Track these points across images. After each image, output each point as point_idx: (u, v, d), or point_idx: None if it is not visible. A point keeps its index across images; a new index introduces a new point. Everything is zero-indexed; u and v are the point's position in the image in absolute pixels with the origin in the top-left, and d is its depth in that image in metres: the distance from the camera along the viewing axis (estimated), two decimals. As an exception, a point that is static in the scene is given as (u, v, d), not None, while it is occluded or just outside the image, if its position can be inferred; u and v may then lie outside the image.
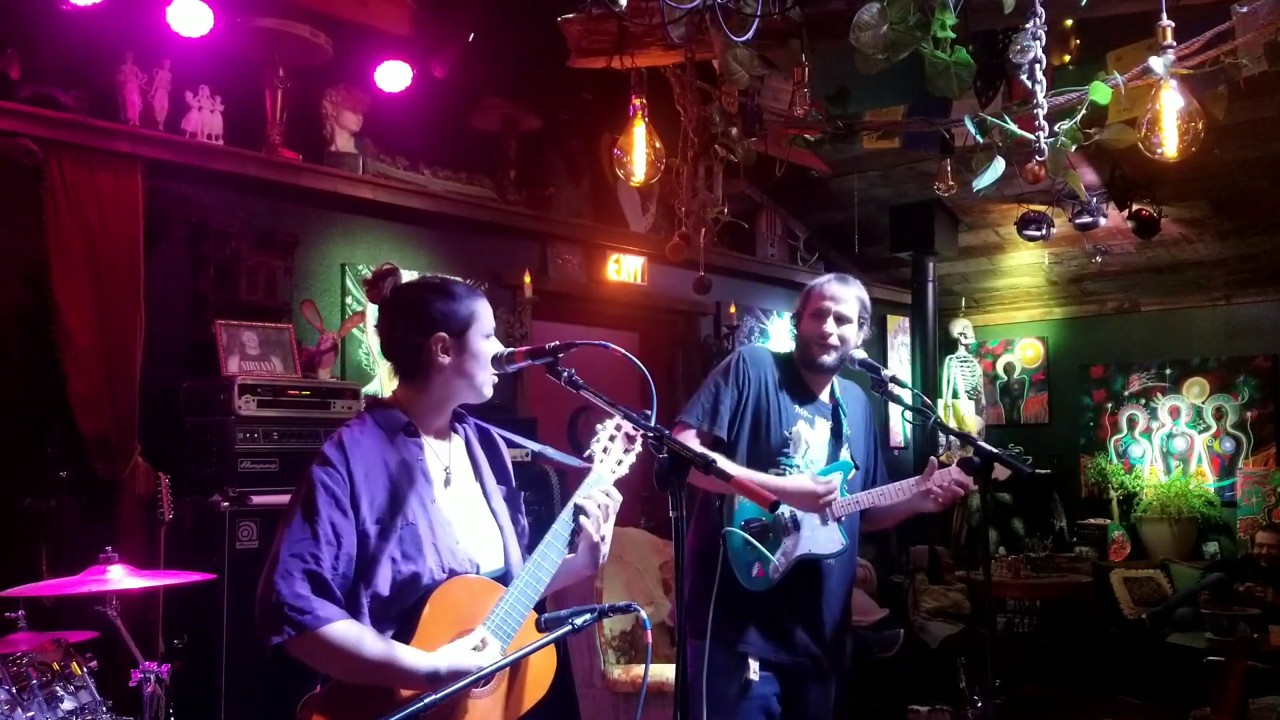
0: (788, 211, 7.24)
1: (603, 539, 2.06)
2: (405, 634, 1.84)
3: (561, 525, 2.00)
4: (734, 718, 2.72)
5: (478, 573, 1.95)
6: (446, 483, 2.00)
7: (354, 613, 1.81)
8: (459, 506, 2.00)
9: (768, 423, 2.84)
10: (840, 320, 2.84)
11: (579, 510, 2.02)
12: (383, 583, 1.84)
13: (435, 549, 1.89)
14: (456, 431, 2.10)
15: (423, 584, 1.87)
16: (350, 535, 1.82)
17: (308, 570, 1.76)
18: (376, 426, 1.95)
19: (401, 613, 1.86)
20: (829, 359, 2.85)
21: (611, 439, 2.13)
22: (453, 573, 1.90)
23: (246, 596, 1.81)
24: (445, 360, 1.96)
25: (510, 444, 2.21)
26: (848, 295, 2.87)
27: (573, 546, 2.04)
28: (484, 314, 2.02)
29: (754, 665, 2.74)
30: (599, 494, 2.05)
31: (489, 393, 2.03)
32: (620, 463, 2.12)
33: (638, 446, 2.14)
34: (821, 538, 2.79)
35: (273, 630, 1.74)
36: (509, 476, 2.17)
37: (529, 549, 2.08)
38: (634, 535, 5.09)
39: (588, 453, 2.12)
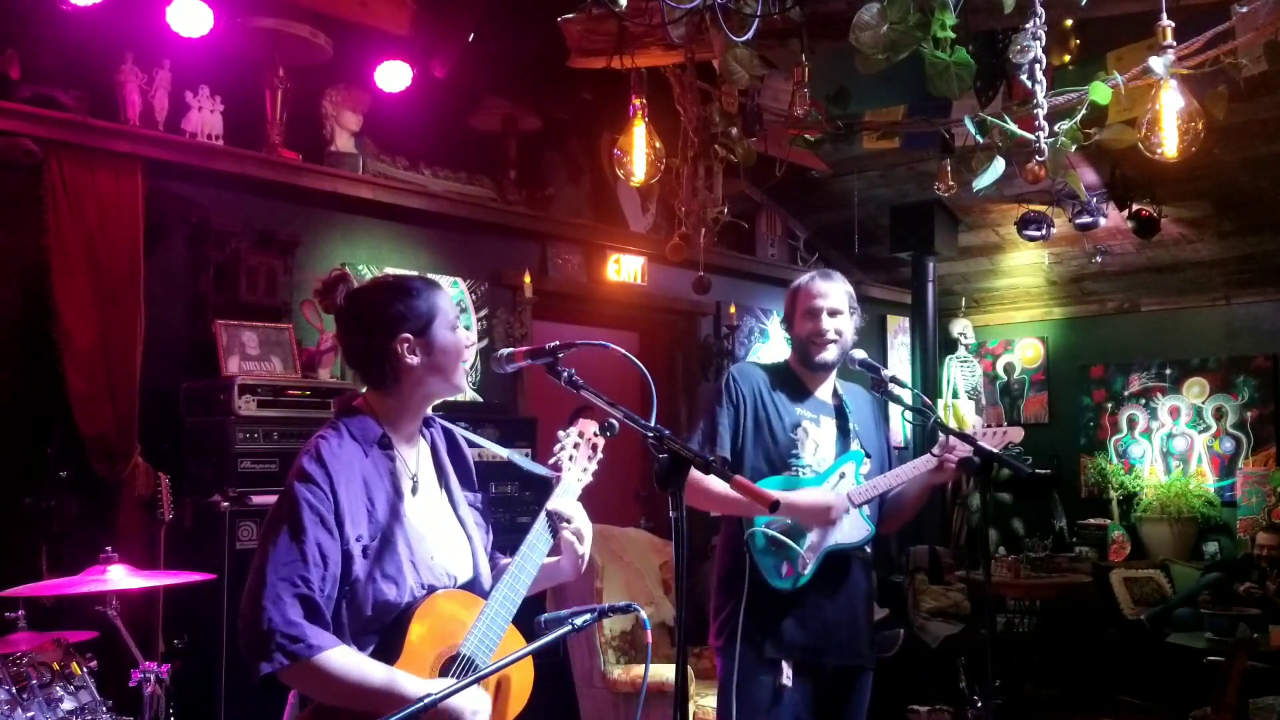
0: (788, 211, 7.24)
1: (583, 557, 2.05)
2: (389, 653, 1.79)
3: (536, 536, 1.98)
4: None
5: (454, 585, 1.93)
6: (414, 491, 1.95)
7: (337, 632, 1.76)
8: (428, 516, 1.95)
9: (771, 428, 2.84)
10: (833, 314, 2.87)
11: (556, 517, 2.01)
12: (365, 602, 1.80)
13: (414, 565, 1.85)
14: (424, 436, 2.04)
15: (403, 602, 1.83)
16: (336, 555, 1.77)
17: (299, 594, 1.70)
18: (352, 437, 1.88)
19: (382, 630, 1.82)
20: (829, 355, 2.87)
21: (576, 446, 2.11)
22: (431, 588, 1.87)
23: (245, 597, 1.80)
24: (414, 361, 1.89)
25: (475, 445, 2.17)
26: (834, 290, 2.90)
27: (554, 551, 2.03)
28: (445, 305, 1.95)
29: (787, 670, 2.74)
30: (569, 504, 2.04)
31: (464, 383, 1.97)
32: (585, 470, 2.12)
33: (599, 454, 2.13)
34: (846, 527, 2.79)
35: (264, 658, 1.67)
36: (473, 481, 2.12)
37: (508, 550, 2.07)
38: (634, 535, 5.09)
39: (553, 459, 2.11)
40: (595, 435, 2.11)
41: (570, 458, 2.11)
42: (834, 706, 2.85)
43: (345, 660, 1.72)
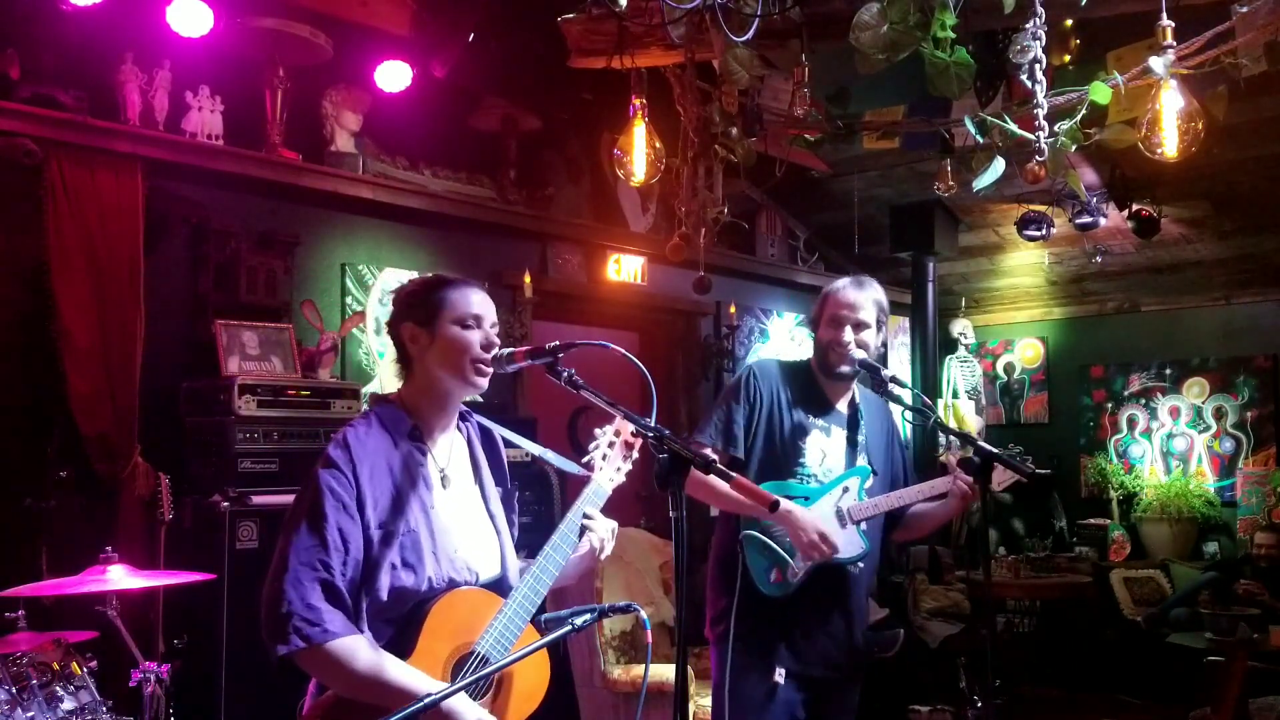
0: (788, 211, 7.24)
1: (596, 559, 2.07)
2: (403, 645, 1.81)
3: (562, 539, 1.97)
4: None
5: (476, 581, 1.93)
6: (444, 484, 1.97)
7: (355, 616, 1.78)
8: (457, 510, 1.97)
9: (781, 434, 2.82)
10: (859, 327, 2.81)
11: (586, 527, 2.01)
12: (382, 589, 1.81)
13: (435, 557, 1.87)
14: (460, 430, 2.07)
15: (421, 592, 1.84)
16: (357, 539, 1.80)
17: (320, 579, 1.74)
18: (382, 426, 1.92)
19: (398, 619, 1.84)
20: (847, 367, 2.83)
21: (610, 445, 2.10)
22: (452, 581, 1.88)
23: (246, 596, 1.81)
24: (417, 350, 1.97)
25: (510, 445, 2.18)
26: (865, 301, 2.83)
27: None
28: (457, 301, 1.96)
29: (780, 669, 2.74)
30: (603, 520, 2.05)
31: (476, 381, 1.95)
32: (619, 469, 2.10)
33: (635, 454, 2.12)
34: (841, 541, 2.75)
35: (281, 640, 1.71)
36: (506, 476, 2.14)
37: (521, 548, 2.07)
38: (634, 535, 5.09)
39: (586, 459, 2.10)
40: (632, 435, 2.08)
41: (604, 456, 2.09)
42: (823, 713, 2.85)
43: (358, 650, 1.74)
